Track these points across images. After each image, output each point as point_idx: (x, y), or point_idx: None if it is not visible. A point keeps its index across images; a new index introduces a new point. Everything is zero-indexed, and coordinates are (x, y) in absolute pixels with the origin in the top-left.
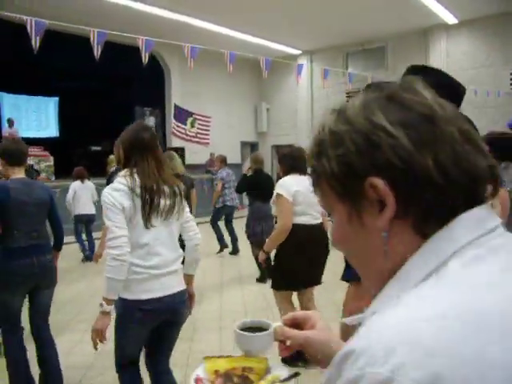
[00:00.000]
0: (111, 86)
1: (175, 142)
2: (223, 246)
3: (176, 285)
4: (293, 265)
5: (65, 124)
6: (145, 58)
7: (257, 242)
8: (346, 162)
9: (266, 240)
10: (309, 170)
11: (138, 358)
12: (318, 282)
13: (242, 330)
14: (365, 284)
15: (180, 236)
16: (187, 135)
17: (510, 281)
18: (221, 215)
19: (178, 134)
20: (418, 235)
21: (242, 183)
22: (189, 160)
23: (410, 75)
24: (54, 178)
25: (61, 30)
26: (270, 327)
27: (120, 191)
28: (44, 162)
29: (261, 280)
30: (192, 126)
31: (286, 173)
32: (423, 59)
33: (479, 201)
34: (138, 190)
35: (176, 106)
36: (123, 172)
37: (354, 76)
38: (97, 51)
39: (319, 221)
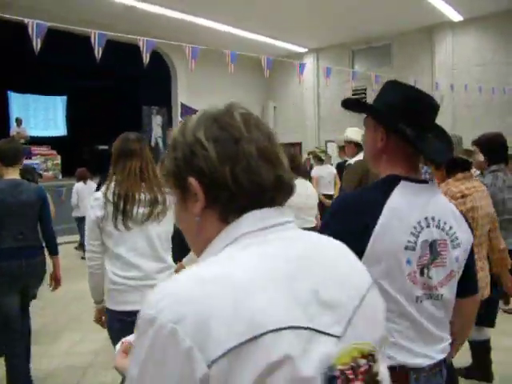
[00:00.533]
0: (119, 85)
1: None
2: None
3: None
4: None
5: (72, 123)
6: (146, 58)
7: None
8: (176, 164)
9: None
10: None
11: None
12: None
13: None
14: (193, 251)
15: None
16: None
17: (262, 262)
18: None
19: None
20: (222, 222)
21: None
22: None
23: (386, 85)
24: (61, 177)
25: (66, 29)
26: None
27: (97, 200)
28: (51, 160)
29: None
30: None
31: None
32: (429, 57)
33: (268, 203)
34: (113, 198)
35: (183, 105)
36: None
37: (357, 74)
38: (97, 52)
39: (312, 225)
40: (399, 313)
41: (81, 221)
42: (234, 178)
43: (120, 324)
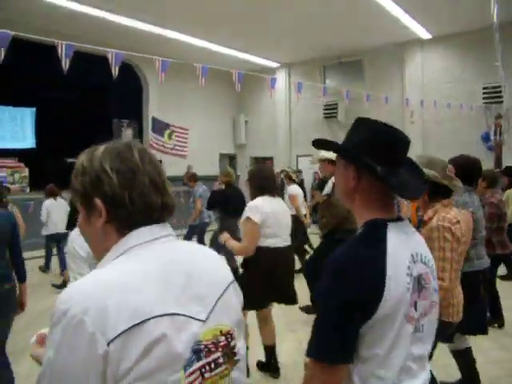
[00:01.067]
0: (89, 97)
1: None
2: None
3: None
4: (257, 285)
5: (41, 135)
6: (114, 71)
7: (226, 254)
8: (84, 186)
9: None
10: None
11: None
12: (285, 300)
13: None
14: (94, 257)
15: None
16: (165, 147)
17: (146, 267)
18: (195, 233)
19: (155, 146)
20: (119, 234)
21: (212, 198)
22: (166, 172)
23: (355, 122)
24: (28, 190)
25: (32, 39)
26: None
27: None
28: (19, 173)
29: None
30: (169, 138)
31: (256, 194)
32: (399, 73)
33: (156, 221)
34: None
35: (154, 118)
36: None
37: (329, 89)
38: (65, 64)
39: (287, 243)
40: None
41: (49, 239)
42: (131, 200)
43: None
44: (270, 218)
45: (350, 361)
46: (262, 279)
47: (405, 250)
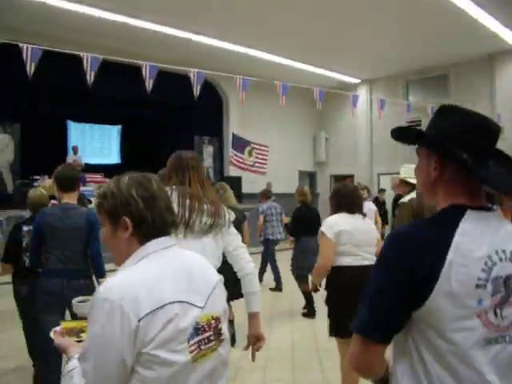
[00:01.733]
0: (172, 114)
1: (233, 172)
2: (278, 287)
3: None
4: (338, 309)
5: (126, 151)
6: (196, 90)
7: (303, 276)
8: (115, 207)
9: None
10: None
11: None
12: None
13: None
14: (116, 261)
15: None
16: (245, 164)
17: (161, 267)
18: (267, 249)
19: (235, 163)
20: (140, 243)
21: (292, 218)
22: (246, 189)
23: (440, 109)
24: None
25: (119, 61)
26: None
27: None
28: None
29: (308, 315)
30: (250, 155)
31: (335, 211)
32: (489, 86)
33: (167, 234)
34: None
35: (234, 135)
36: None
37: (412, 105)
38: (148, 84)
39: (369, 262)
40: (456, 356)
41: None
42: (153, 219)
43: None
44: (344, 235)
45: (385, 339)
46: (339, 302)
47: (483, 242)
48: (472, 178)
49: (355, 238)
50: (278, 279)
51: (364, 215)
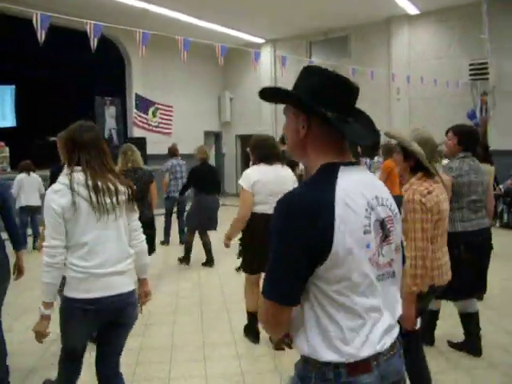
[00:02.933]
0: (70, 74)
1: (137, 132)
2: (165, 241)
3: (121, 285)
4: (250, 250)
5: (22, 113)
6: (93, 44)
7: (194, 230)
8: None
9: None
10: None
11: (78, 355)
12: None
13: None
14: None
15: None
16: (149, 125)
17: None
18: (169, 206)
19: (139, 124)
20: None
21: (189, 176)
22: (151, 150)
23: (303, 71)
24: (9, 169)
25: (14, 13)
26: None
27: (59, 192)
28: None
29: (206, 264)
30: (154, 116)
31: (255, 163)
32: (386, 48)
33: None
34: (82, 189)
35: (137, 95)
36: (65, 170)
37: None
38: (40, 36)
39: None
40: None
41: (22, 211)
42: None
43: (81, 312)
44: (258, 185)
45: (294, 304)
46: (252, 245)
47: (361, 191)
48: (337, 135)
49: (267, 188)
50: (167, 233)
51: (283, 164)
